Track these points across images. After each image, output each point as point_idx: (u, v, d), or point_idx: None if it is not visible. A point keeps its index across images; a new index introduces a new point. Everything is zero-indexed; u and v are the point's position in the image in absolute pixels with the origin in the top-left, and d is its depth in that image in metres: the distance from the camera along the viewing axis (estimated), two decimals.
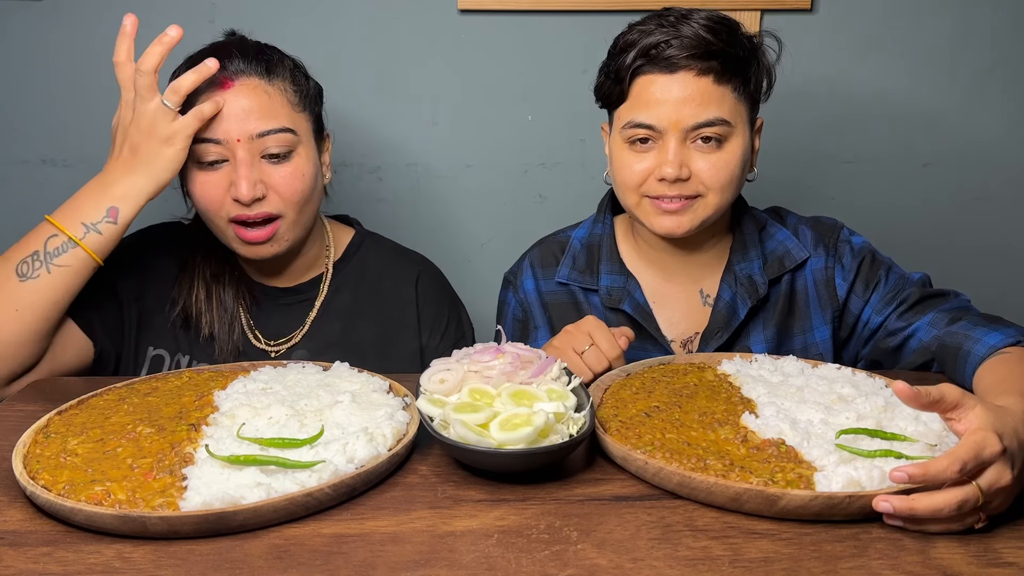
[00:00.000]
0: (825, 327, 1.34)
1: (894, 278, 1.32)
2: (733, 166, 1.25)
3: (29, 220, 1.17)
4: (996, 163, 1.89)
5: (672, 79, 1.22)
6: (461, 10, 1.77)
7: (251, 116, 1.24)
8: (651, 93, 1.24)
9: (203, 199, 1.26)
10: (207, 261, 1.37)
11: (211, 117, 1.22)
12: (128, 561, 0.76)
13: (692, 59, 1.21)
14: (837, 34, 1.79)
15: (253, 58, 1.27)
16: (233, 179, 1.24)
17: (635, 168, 1.26)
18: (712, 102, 1.22)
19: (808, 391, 1.05)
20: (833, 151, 1.87)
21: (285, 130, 1.26)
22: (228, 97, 1.23)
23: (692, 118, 1.22)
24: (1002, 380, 1.03)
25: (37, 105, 1.78)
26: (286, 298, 1.39)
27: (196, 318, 1.34)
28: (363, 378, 1.09)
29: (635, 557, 0.77)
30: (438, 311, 1.44)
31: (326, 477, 0.85)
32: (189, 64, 1.26)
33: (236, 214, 1.25)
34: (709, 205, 1.26)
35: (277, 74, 1.28)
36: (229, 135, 1.23)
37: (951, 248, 1.92)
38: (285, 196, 1.26)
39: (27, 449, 0.92)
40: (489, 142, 1.84)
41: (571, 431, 0.93)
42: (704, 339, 1.34)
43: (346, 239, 1.46)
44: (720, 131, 1.23)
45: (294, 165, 1.27)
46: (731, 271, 1.35)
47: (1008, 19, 1.81)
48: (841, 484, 0.83)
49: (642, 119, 1.24)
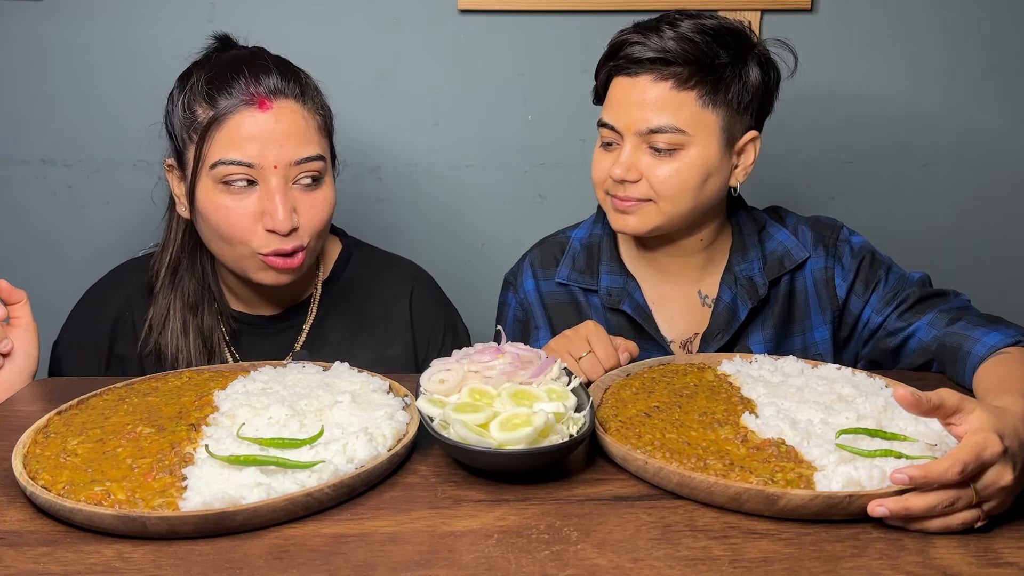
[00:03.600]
0: (825, 327, 1.34)
1: (894, 278, 1.31)
2: (685, 176, 1.24)
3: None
4: (996, 163, 1.89)
5: (633, 82, 1.24)
6: (461, 10, 1.77)
7: (290, 141, 1.17)
8: (616, 95, 1.27)
9: (227, 226, 1.18)
10: (182, 290, 1.29)
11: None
12: (128, 561, 0.76)
13: (653, 63, 1.22)
14: (837, 34, 1.80)
15: (289, 77, 1.20)
16: (267, 208, 1.17)
17: (600, 166, 1.29)
18: (667, 109, 1.22)
19: (808, 391, 1.05)
20: (833, 151, 1.87)
21: (318, 158, 1.20)
22: (266, 119, 1.16)
23: (643, 123, 1.23)
24: (1002, 380, 1.03)
25: (37, 105, 1.78)
26: (271, 327, 1.33)
27: (173, 355, 1.27)
28: (363, 378, 1.09)
29: (635, 557, 0.77)
30: (433, 326, 1.39)
31: (326, 477, 0.85)
32: (215, 72, 1.18)
33: (271, 247, 1.18)
34: (662, 212, 1.26)
35: (309, 96, 1.22)
36: (265, 160, 1.16)
37: (951, 248, 1.93)
38: (312, 225, 1.21)
39: (27, 449, 0.92)
40: (489, 142, 1.84)
41: (571, 431, 0.93)
42: (704, 340, 1.34)
43: (334, 253, 1.39)
44: (673, 139, 1.22)
45: (323, 193, 1.22)
46: (731, 272, 1.35)
47: (1008, 19, 1.81)
48: (841, 484, 0.83)
49: (607, 119, 1.28)
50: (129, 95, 1.76)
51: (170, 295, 1.29)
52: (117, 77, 1.77)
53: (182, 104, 1.20)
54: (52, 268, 1.84)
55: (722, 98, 1.23)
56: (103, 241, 1.83)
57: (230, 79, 1.18)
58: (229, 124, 1.16)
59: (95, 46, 1.76)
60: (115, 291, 1.34)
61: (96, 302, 1.35)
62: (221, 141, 1.17)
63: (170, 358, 1.28)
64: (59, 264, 1.84)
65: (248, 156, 1.16)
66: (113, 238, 1.82)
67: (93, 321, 1.33)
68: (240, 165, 1.16)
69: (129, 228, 1.82)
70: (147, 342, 1.29)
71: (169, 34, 1.74)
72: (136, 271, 1.35)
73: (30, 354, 1.19)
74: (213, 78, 1.19)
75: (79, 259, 1.83)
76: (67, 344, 1.34)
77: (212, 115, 1.17)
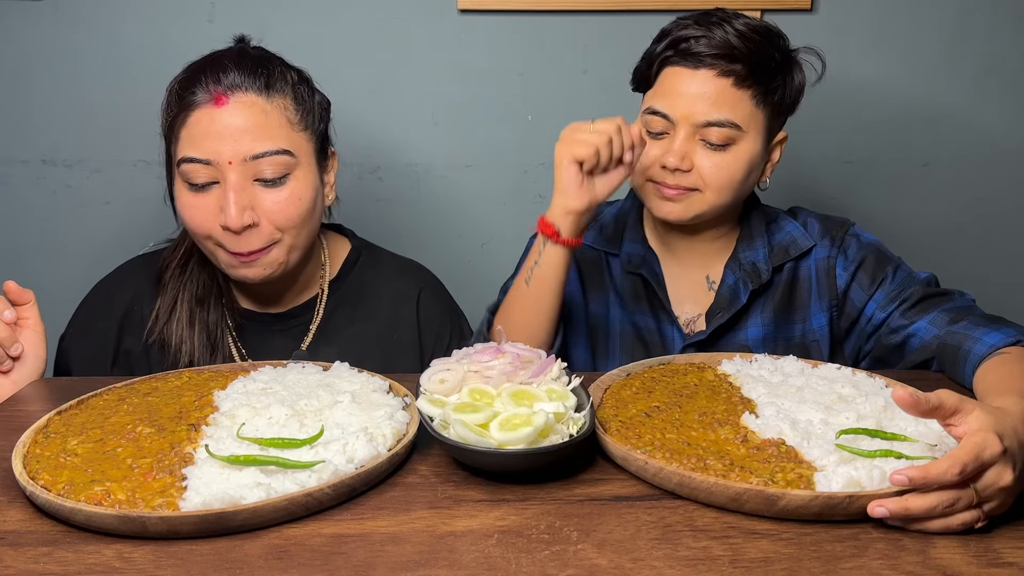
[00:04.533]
0: (823, 314, 1.37)
1: (901, 276, 1.33)
2: (735, 169, 1.28)
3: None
4: (996, 163, 1.89)
5: (694, 74, 1.26)
6: (461, 10, 1.77)
7: (245, 136, 1.16)
8: (672, 84, 1.28)
9: (191, 223, 1.20)
10: (191, 282, 1.29)
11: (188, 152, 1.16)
12: (128, 561, 0.76)
13: (716, 59, 1.25)
14: (837, 34, 1.80)
15: (251, 71, 1.18)
16: (222, 204, 1.16)
17: (647, 153, 1.30)
18: (726, 104, 1.25)
19: (808, 391, 1.05)
20: (833, 151, 1.87)
21: (282, 152, 1.18)
22: (221, 115, 1.16)
23: (703, 115, 1.26)
24: (1002, 380, 1.03)
25: (37, 105, 1.78)
26: (278, 324, 1.32)
27: (177, 345, 1.27)
28: (363, 378, 1.09)
29: (635, 557, 0.77)
30: (440, 329, 1.38)
31: (326, 477, 0.85)
32: (189, 72, 1.21)
33: (227, 245, 1.18)
34: (705, 201, 1.30)
35: (277, 89, 1.20)
36: (220, 156, 1.15)
37: (951, 248, 1.93)
38: (278, 223, 1.19)
39: (27, 449, 0.92)
40: (489, 142, 1.84)
41: (571, 431, 0.93)
42: (707, 317, 1.37)
43: (342, 254, 1.38)
44: (728, 133, 1.26)
45: (289, 189, 1.19)
46: (736, 259, 1.39)
47: (1008, 19, 1.81)
48: (841, 484, 0.83)
49: (659, 107, 1.29)
50: (129, 95, 1.76)
51: (179, 286, 1.30)
52: (117, 77, 1.77)
53: (164, 104, 1.23)
54: (52, 268, 1.84)
55: (771, 98, 1.29)
56: (103, 241, 1.83)
57: (195, 78, 1.19)
58: (190, 122, 1.17)
59: (95, 46, 1.76)
60: (124, 286, 1.35)
61: (105, 296, 1.35)
62: (184, 139, 1.19)
63: (174, 348, 1.28)
64: (59, 264, 1.84)
65: (205, 153, 1.16)
66: (113, 238, 1.82)
67: (101, 315, 1.33)
68: (197, 163, 1.17)
69: (129, 228, 1.82)
70: (152, 331, 1.29)
71: (169, 34, 1.74)
72: (144, 267, 1.35)
73: (39, 356, 1.19)
74: (185, 78, 1.20)
75: (79, 259, 1.83)
76: (74, 337, 1.34)
77: (176, 113, 1.18)
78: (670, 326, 1.38)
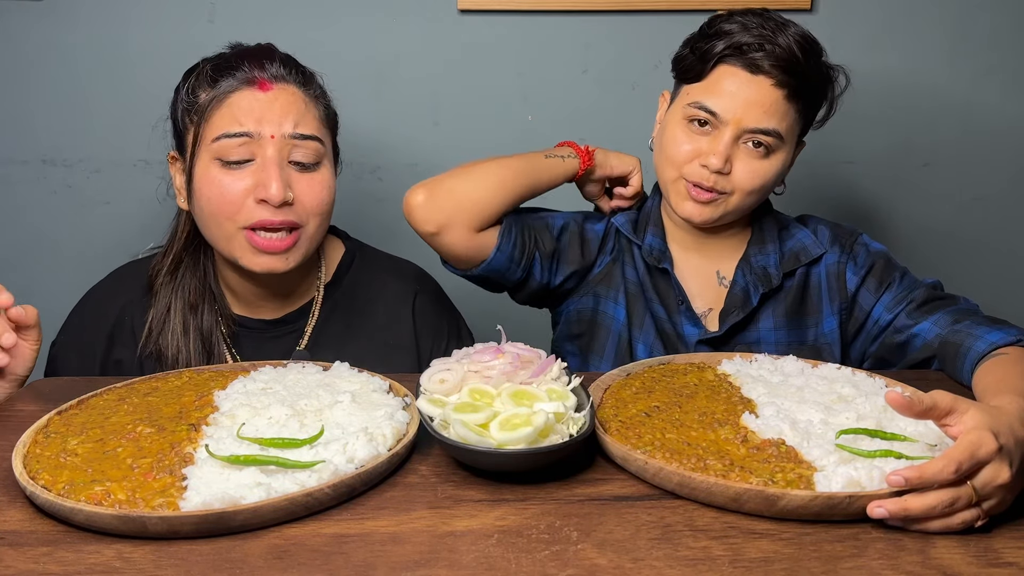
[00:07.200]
0: (833, 318, 1.37)
1: (908, 281, 1.35)
2: (769, 176, 1.30)
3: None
4: (996, 163, 1.89)
5: (752, 79, 1.26)
6: (461, 10, 1.77)
7: (288, 117, 1.20)
8: (727, 84, 1.27)
9: (218, 201, 1.18)
10: (183, 288, 1.29)
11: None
12: (128, 561, 0.76)
13: (776, 69, 1.25)
14: (837, 34, 1.79)
15: (292, 66, 1.24)
16: (261, 179, 1.18)
17: (683, 147, 1.30)
18: (776, 114, 1.27)
19: (808, 391, 1.05)
20: (833, 151, 1.87)
21: (317, 139, 1.22)
22: (265, 97, 1.19)
23: (754, 121, 1.26)
24: (1000, 380, 1.03)
25: (37, 105, 1.78)
26: (273, 331, 1.32)
27: (173, 356, 1.26)
28: (363, 378, 1.09)
29: (635, 557, 0.77)
30: (437, 332, 1.38)
31: (326, 477, 0.85)
32: (222, 60, 1.22)
33: (259, 219, 1.18)
34: (730, 204, 1.32)
35: (312, 88, 1.25)
36: (262, 130, 1.18)
37: (951, 248, 1.93)
38: (310, 206, 1.22)
39: (27, 449, 0.92)
40: (489, 142, 1.84)
41: (571, 431, 0.93)
42: (721, 317, 1.37)
43: (337, 256, 1.38)
44: (772, 142, 1.28)
45: (322, 176, 1.24)
46: (747, 261, 1.39)
47: (1008, 19, 1.82)
48: (841, 484, 0.83)
49: (710, 104, 1.28)
50: (129, 95, 1.76)
51: (170, 293, 1.29)
52: (117, 77, 1.77)
53: (187, 90, 1.23)
54: (52, 268, 1.84)
55: (812, 113, 1.33)
56: (103, 241, 1.83)
57: (235, 64, 1.22)
58: (230, 101, 1.19)
59: (95, 46, 1.76)
60: (113, 297, 1.33)
61: (95, 306, 1.34)
62: (221, 117, 1.20)
63: (170, 359, 1.27)
64: (59, 264, 1.84)
65: (246, 125, 1.18)
66: (113, 238, 1.82)
67: (90, 326, 1.33)
68: (237, 136, 1.18)
69: (129, 228, 1.82)
70: (147, 344, 1.28)
71: (169, 34, 1.74)
72: (135, 275, 1.34)
73: (25, 370, 1.15)
74: (219, 65, 1.22)
75: (79, 259, 1.83)
76: (63, 347, 1.34)
77: (213, 95, 1.19)
78: (687, 320, 1.37)
